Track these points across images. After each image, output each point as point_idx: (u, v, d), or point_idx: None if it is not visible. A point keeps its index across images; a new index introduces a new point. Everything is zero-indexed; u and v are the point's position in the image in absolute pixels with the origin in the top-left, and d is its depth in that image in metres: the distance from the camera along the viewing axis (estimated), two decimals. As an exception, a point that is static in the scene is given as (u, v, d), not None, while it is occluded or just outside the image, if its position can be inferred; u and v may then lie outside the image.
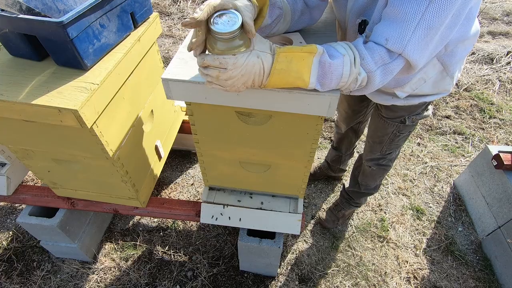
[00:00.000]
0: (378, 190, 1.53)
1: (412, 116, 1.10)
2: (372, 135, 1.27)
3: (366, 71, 0.68)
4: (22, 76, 0.92)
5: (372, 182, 1.45)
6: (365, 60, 0.68)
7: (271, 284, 1.49)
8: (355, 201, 1.56)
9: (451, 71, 0.93)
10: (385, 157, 1.30)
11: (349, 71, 0.67)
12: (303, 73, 0.66)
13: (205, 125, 0.94)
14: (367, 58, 0.68)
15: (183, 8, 3.30)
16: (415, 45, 0.65)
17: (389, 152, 1.28)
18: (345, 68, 0.67)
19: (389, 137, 1.20)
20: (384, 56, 0.68)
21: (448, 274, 1.55)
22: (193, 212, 1.34)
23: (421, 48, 0.66)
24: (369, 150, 1.33)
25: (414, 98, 1.00)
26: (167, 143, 1.52)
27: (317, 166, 1.92)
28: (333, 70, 0.67)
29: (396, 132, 1.17)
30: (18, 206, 1.78)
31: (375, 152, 1.30)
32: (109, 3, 0.95)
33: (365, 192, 1.50)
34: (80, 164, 1.12)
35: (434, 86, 0.95)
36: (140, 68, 1.15)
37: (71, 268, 1.54)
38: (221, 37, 0.59)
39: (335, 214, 1.67)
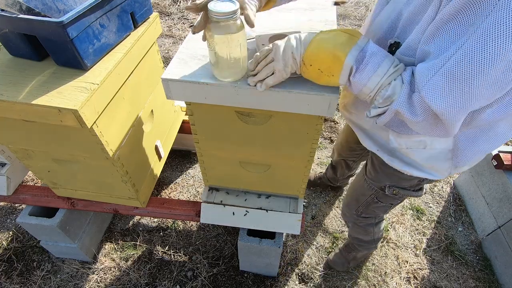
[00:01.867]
0: (377, 243, 1.36)
1: (394, 187, 0.95)
2: (352, 188, 1.15)
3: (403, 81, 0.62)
4: (22, 76, 0.92)
5: (364, 237, 1.30)
6: (405, 72, 0.62)
7: (271, 284, 1.49)
8: (360, 249, 1.41)
9: (459, 159, 0.78)
10: (360, 219, 1.17)
11: (387, 70, 0.62)
12: (344, 45, 0.63)
13: (205, 125, 0.94)
14: (408, 71, 0.62)
15: (183, 8, 3.30)
16: (436, 86, 0.57)
17: (365, 216, 1.15)
18: (386, 60, 0.62)
19: (366, 200, 1.07)
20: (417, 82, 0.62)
21: (448, 274, 1.55)
22: (193, 212, 1.34)
23: (443, 92, 0.57)
24: (346, 203, 1.21)
25: (400, 162, 0.85)
26: (167, 143, 1.52)
27: (317, 176, 1.84)
28: (372, 55, 0.62)
29: (374, 197, 1.04)
30: (18, 206, 1.78)
31: (351, 208, 1.17)
32: (109, 3, 0.95)
33: (360, 244, 1.36)
34: (80, 164, 1.12)
35: (430, 160, 0.81)
36: (140, 68, 1.15)
37: (71, 268, 1.54)
38: (217, 17, 0.63)
39: (345, 256, 1.50)
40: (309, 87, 0.73)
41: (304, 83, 0.74)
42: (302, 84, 0.74)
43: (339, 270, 1.54)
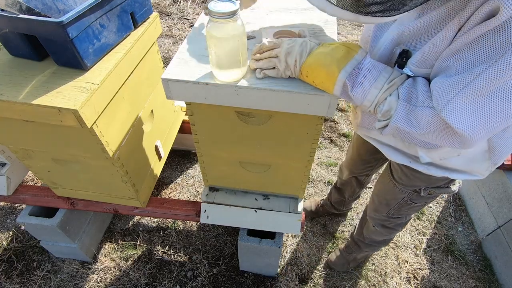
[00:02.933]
0: (388, 243, 1.35)
1: (430, 188, 0.91)
2: (379, 194, 1.10)
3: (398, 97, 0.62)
4: (22, 76, 0.92)
5: (379, 237, 1.28)
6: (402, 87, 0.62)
7: (271, 284, 1.49)
8: (364, 250, 1.40)
9: (497, 157, 0.75)
10: (390, 220, 1.13)
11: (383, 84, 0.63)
12: (340, 60, 0.65)
13: (205, 125, 0.94)
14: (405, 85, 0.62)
15: (183, 8, 3.30)
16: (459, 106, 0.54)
17: (396, 217, 1.10)
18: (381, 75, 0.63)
19: (398, 203, 1.03)
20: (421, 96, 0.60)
21: (448, 274, 1.55)
22: (193, 212, 1.34)
23: (469, 116, 0.54)
24: (374, 209, 1.16)
25: (437, 169, 0.81)
26: (167, 143, 1.52)
27: (319, 204, 1.72)
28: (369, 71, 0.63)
29: (408, 200, 0.99)
30: (18, 206, 1.78)
31: (380, 213, 1.13)
32: (109, 3, 0.95)
33: (371, 244, 1.34)
34: (80, 164, 1.12)
35: (468, 164, 0.78)
36: (140, 68, 1.15)
37: (71, 268, 1.54)
38: (216, 17, 0.63)
39: (345, 257, 1.49)
40: (309, 87, 0.73)
41: (304, 83, 0.74)
42: (302, 84, 0.74)
43: (339, 271, 1.54)
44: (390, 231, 1.21)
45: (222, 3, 0.65)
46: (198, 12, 3.25)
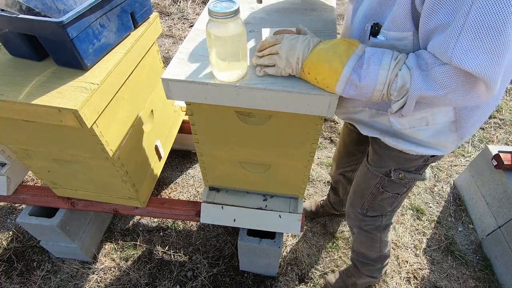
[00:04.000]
0: (384, 262, 1.28)
1: (399, 170, 0.93)
2: (355, 185, 1.11)
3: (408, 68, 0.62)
4: (22, 76, 0.92)
5: (368, 251, 1.23)
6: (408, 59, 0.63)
7: (271, 284, 1.49)
8: (362, 271, 1.33)
9: (463, 129, 0.78)
10: (365, 219, 1.12)
11: (389, 63, 0.63)
12: (342, 55, 0.66)
13: (205, 125, 0.94)
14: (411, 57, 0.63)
15: (183, 8, 3.30)
16: (465, 49, 0.54)
17: (372, 215, 1.10)
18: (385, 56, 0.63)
19: (371, 192, 1.03)
20: (429, 59, 0.60)
21: (448, 274, 1.55)
22: (193, 212, 1.34)
23: (475, 53, 0.54)
24: (350, 204, 1.16)
25: (405, 142, 0.84)
26: (167, 143, 1.52)
27: (319, 205, 1.71)
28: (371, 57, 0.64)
29: (380, 187, 1.00)
30: (18, 206, 1.78)
31: (355, 207, 1.12)
32: (109, 3, 0.95)
33: (365, 262, 1.28)
34: (80, 164, 1.12)
35: (434, 135, 0.80)
36: (140, 68, 1.15)
37: (71, 268, 1.54)
38: (216, 16, 0.64)
39: (344, 281, 1.42)
40: (309, 87, 0.73)
41: (304, 83, 0.74)
42: (302, 84, 0.74)
43: None
44: (371, 238, 1.18)
45: (222, 3, 0.65)
46: (198, 12, 3.25)
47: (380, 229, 1.15)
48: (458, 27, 0.54)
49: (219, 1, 0.65)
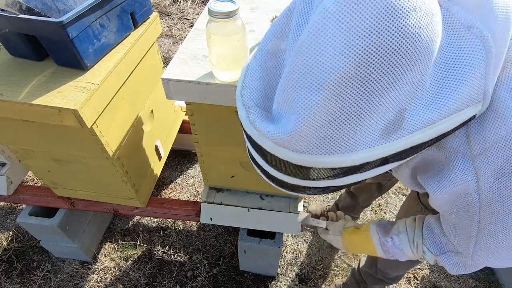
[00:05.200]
0: (398, 281, 1.24)
1: None
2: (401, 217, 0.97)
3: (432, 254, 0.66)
4: (22, 76, 0.92)
5: (393, 271, 1.14)
6: (426, 242, 0.66)
7: (271, 284, 1.49)
8: (367, 286, 1.26)
9: None
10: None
11: (410, 249, 0.68)
12: (368, 249, 0.78)
13: (205, 125, 0.94)
14: (428, 241, 0.66)
15: (183, 8, 3.30)
16: (482, 255, 0.54)
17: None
18: (403, 246, 0.69)
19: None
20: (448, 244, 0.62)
21: (448, 274, 1.55)
22: (193, 212, 1.34)
23: (491, 255, 0.53)
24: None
25: None
26: (167, 143, 1.52)
27: (325, 209, 1.63)
28: (391, 246, 0.72)
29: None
30: (18, 206, 1.78)
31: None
32: (109, 3, 0.95)
33: (380, 279, 1.19)
34: (80, 164, 1.12)
35: None
36: (140, 68, 1.15)
37: (71, 268, 1.54)
38: (216, 16, 0.63)
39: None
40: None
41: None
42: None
43: None
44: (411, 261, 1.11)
45: (223, 3, 0.65)
46: (198, 12, 3.25)
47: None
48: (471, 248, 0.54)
49: (220, 1, 0.65)
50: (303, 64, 0.33)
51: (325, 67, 0.31)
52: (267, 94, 0.41)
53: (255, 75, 0.41)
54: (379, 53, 0.31)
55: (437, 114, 0.36)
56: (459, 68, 0.36)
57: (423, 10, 0.31)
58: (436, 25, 0.33)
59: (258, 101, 0.40)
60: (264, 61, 0.41)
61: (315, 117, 0.33)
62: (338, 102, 0.33)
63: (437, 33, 0.34)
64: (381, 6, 0.29)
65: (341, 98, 0.32)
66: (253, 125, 0.39)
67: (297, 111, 0.34)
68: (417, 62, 0.33)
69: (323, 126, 0.34)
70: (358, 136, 0.36)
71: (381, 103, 0.34)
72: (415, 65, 0.33)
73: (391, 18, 0.30)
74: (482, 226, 0.48)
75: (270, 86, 0.41)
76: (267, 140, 0.38)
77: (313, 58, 0.32)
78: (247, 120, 0.40)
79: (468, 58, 0.35)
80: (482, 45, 0.35)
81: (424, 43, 0.32)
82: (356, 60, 0.31)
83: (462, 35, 0.36)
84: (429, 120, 0.36)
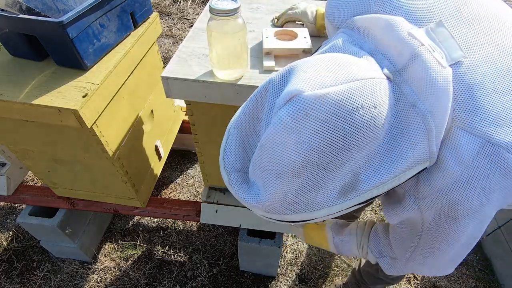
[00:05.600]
0: (399, 281, 1.26)
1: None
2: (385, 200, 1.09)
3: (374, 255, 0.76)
4: (22, 76, 0.92)
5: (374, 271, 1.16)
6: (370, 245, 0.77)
7: (271, 284, 1.49)
8: (368, 286, 1.26)
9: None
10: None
11: (356, 249, 0.78)
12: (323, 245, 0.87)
13: (205, 125, 0.94)
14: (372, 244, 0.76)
15: (183, 8, 3.30)
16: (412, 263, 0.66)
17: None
18: (352, 245, 0.80)
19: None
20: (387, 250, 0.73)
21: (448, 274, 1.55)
22: (193, 212, 1.34)
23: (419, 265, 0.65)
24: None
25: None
26: (167, 143, 1.52)
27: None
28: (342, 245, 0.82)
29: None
30: (18, 206, 1.78)
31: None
32: (109, 3, 0.95)
33: (381, 279, 1.18)
34: (80, 164, 1.12)
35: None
36: (140, 68, 1.15)
37: (71, 268, 1.54)
38: (217, 14, 0.64)
39: None
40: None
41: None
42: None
43: None
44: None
45: (224, 1, 0.65)
46: (198, 12, 3.25)
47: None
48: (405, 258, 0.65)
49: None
50: (267, 156, 0.40)
51: (282, 161, 0.39)
52: (245, 157, 0.48)
53: (235, 140, 0.48)
54: (328, 148, 0.38)
55: (387, 177, 0.43)
56: (405, 140, 0.42)
57: (365, 107, 0.37)
58: (378, 116, 0.39)
59: (237, 166, 0.48)
60: (244, 126, 0.48)
61: (278, 194, 0.42)
62: (297, 182, 0.41)
63: (380, 121, 0.40)
64: (325, 113, 0.36)
65: (299, 179, 0.40)
66: (233, 189, 0.47)
67: (265, 188, 0.42)
68: (364, 147, 0.39)
69: (286, 197, 0.42)
70: (318, 199, 0.43)
71: (335, 176, 0.41)
72: (362, 149, 0.40)
73: (335, 120, 0.37)
74: (420, 245, 0.59)
75: (248, 150, 0.48)
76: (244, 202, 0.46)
77: (274, 154, 0.40)
78: (228, 184, 0.48)
79: (411, 133, 0.42)
80: (422, 122, 0.41)
81: (367, 134, 0.39)
82: (306, 155, 0.38)
83: (407, 111, 0.42)
84: (380, 181, 0.43)
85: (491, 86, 0.42)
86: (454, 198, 0.46)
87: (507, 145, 0.42)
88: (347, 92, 0.37)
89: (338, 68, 0.39)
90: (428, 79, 0.40)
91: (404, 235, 0.62)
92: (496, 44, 0.44)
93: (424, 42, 0.41)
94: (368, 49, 0.46)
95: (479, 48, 0.44)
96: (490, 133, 0.42)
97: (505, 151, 0.42)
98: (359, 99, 0.37)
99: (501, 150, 0.42)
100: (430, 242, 0.56)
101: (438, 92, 0.40)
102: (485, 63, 0.43)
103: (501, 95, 0.42)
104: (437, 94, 0.40)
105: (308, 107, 0.36)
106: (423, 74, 0.40)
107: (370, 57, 0.44)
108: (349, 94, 0.37)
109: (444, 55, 0.42)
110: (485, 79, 0.42)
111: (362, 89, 0.38)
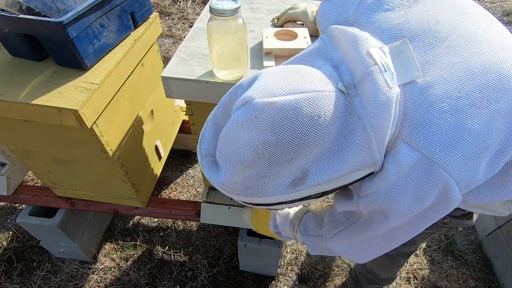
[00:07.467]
0: (392, 282, 1.29)
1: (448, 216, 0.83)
2: None
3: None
4: (22, 76, 0.92)
5: (382, 273, 1.17)
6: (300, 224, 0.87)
7: (271, 284, 1.49)
8: (363, 286, 1.28)
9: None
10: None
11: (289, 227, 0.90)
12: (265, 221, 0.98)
13: (205, 125, 0.94)
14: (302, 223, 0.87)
15: (183, 8, 3.30)
16: (333, 242, 0.73)
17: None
18: (286, 224, 0.91)
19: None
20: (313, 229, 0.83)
21: (448, 274, 1.55)
22: (193, 212, 1.34)
23: (339, 247, 0.72)
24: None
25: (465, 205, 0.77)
26: (167, 143, 1.52)
27: (325, 208, 1.62)
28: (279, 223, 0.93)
29: None
30: (18, 206, 1.78)
31: None
32: (109, 3, 0.95)
33: (373, 280, 1.22)
34: (80, 164, 1.12)
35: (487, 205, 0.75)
36: (140, 68, 1.15)
37: (71, 268, 1.54)
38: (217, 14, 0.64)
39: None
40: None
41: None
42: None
43: None
44: (392, 262, 1.11)
45: (224, 1, 0.65)
46: (198, 12, 3.26)
47: (405, 255, 1.08)
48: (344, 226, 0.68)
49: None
50: (224, 147, 0.48)
51: (235, 153, 0.46)
52: (217, 144, 0.54)
53: (210, 129, 0.55)
54: (274, 147, 0.44)
55: (332, 176, 0.48)
56: (349, 147, 0.47)
57: (309, 116, 0.43)
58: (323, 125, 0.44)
59: (210, 151, 0.54)
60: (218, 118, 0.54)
61: (234, 178, 0.49)
62: (249, 171, 0.47)
63: (324, 129, 0.44)
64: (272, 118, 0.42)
65: (252, 169, 0.46)
66: (203, 169, 0.54)
67: (224, 172, 0.49)
68: (309, 149, 0.45)
69: (242, 182, 0.49)
70: (269, 187, 0.49)
71: (283, 170, 0.46)
72: (307, 151, 0.45)
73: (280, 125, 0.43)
74: (348, 230, 0.66)
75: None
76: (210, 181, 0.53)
77: (229, 146, 0.46)
78: (200, 164, 0.55)
79: (355, 142, 0.46)
80: (364, 134, 0.46)
81: (310, 139, 0.44)
82: (255, 151, 0.44)
83: (355, 122, 0.46)
84: (326, 179, 0.48)
85: (439, 106, 0.45)
86: (388, 200, 0.51)
87: (442, 162, 0.45)
88: (294, 102, 0.42)
89: (293, 80, 0.44)
90: (374, 97, 0.44)
91: (342, 218, 0.69)
92: (463, 64, 0.46)
93: (378, 62, 0.45)
94: (337, 59, 0.50)
95: (439, 69, 0.46)
96: (429, 149, 0.45)
97: (439, 167, 0.45)
98: (305, 109, 0.43)
99: (435, 166, 0.45)
100: (359, 228, 0.63)
101: (381, 109, 0.44)
102: (442, 84, 0.45)
103: (447, 115, 0.45)
104: (380, 111, 0.44)
105: (257, 111, 0.42)
106: (371, 92, 0.45)
107: (332, 70, 0.49)
108: (296, 104, 0.42)
109: (394, 75, 0.46)
110: (435, 99, 0.45)
111: (309, 100, 0.43)
